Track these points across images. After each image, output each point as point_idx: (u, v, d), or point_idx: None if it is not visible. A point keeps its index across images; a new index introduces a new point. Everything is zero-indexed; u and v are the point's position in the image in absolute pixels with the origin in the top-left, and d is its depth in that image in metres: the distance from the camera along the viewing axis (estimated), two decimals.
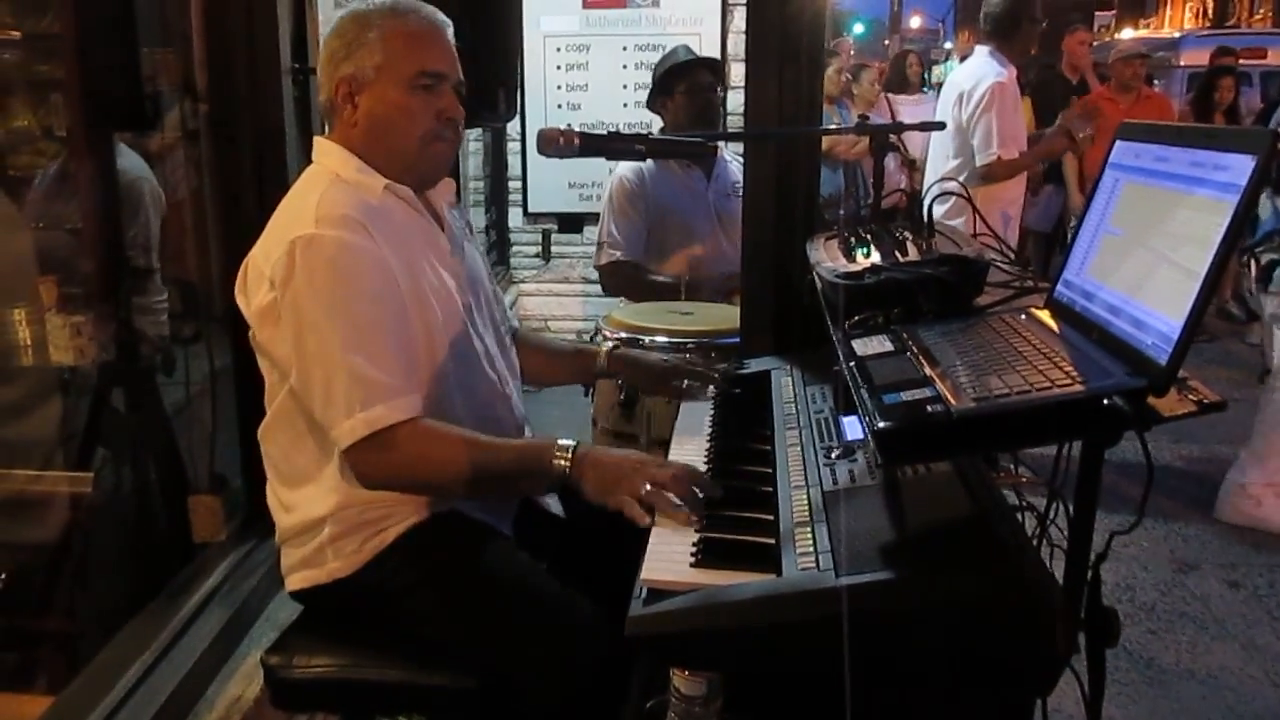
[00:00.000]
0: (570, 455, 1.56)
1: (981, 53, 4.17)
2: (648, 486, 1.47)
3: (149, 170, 2.82)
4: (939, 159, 4.17)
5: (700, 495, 1.47)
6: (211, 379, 2.84)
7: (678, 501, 1.44)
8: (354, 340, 1.54)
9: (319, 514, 1.66)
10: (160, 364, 2.94)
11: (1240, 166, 1.04)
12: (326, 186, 1.64)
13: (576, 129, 1.87)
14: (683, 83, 3.24)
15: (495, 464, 1.60)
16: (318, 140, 1.76)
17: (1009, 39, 4.08)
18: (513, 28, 2.85)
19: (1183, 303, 1.06)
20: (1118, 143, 1.38)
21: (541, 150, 1.86)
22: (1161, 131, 1.28)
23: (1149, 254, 1.18)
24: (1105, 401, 1.06)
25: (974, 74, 4.10)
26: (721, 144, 3.52)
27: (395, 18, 1.68)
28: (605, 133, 1.90)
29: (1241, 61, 7.76)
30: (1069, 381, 1.10)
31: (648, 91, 3.42)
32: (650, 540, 1.38)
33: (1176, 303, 1.07)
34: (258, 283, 1.60)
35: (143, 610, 2.28)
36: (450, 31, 1.74)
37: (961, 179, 3.92)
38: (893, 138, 3.91)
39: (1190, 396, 1.09)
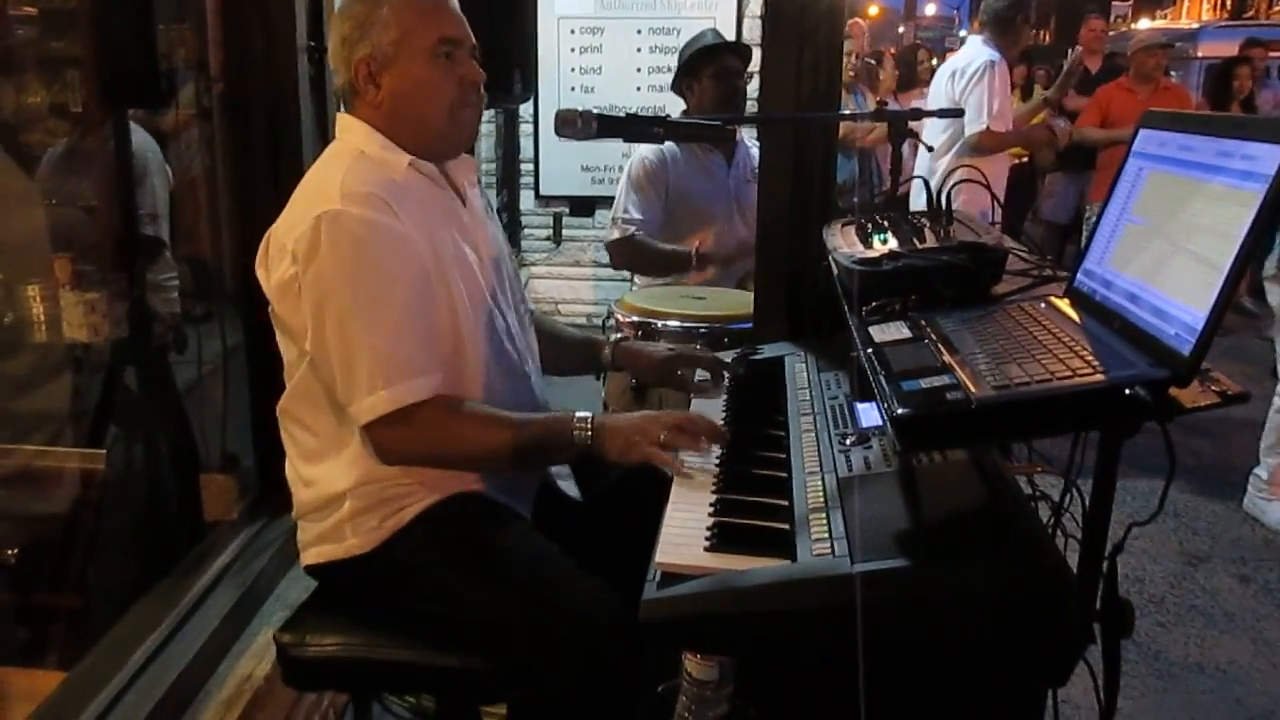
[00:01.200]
0: (590, 424, 1.60)
1: (975, 41, 4.47)
2: (664, 435, 1.58)
3: (154, 143, 2.82)
4: (933, 137, 4.32)
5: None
6: (224, 357, 2.83)
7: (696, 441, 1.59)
8: (376, 318, 1.54)
9: (339, 489, 1.66)
10: (173, 342, 2.94)
11: (1269, 156, 1.03)
12: (351, 163, 1.64)
13: (592, 111, 1.86)
14: (711, 66, 3.21)
15: (516, 439, 1.61)
16: (341, 116, 1.75)
17: (1005, 33, 4.38)
18: (528, 9, 2.84)
19: (1207, 293, 1.05)
20: (1141, 131, 1.37)
21: (559, 131, 1.86)
22: (1187, 120, 1.27)
23: (1172, 244, 1.17)
24: (1127, 392, 1.06)
25: (968, 55, 4.40)
26: (742, 129, 3.51)
27: None
28: (624, 115, 1.89)
29: (1256, 53, 7.66)
30: (1090, 371, 1.09)
31: (672, 74, 3.38)
32: (664, 523, 1.38)
33: (1200, 293, 1.06)
34: (279, 256, 1.60)
35: (154, 588, 2.28)
36: None
37: (952, 152, 4.18)
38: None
39: (1213, 388, 1.08)
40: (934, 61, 7.23)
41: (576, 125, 1.83)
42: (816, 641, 1.23)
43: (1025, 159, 6.57)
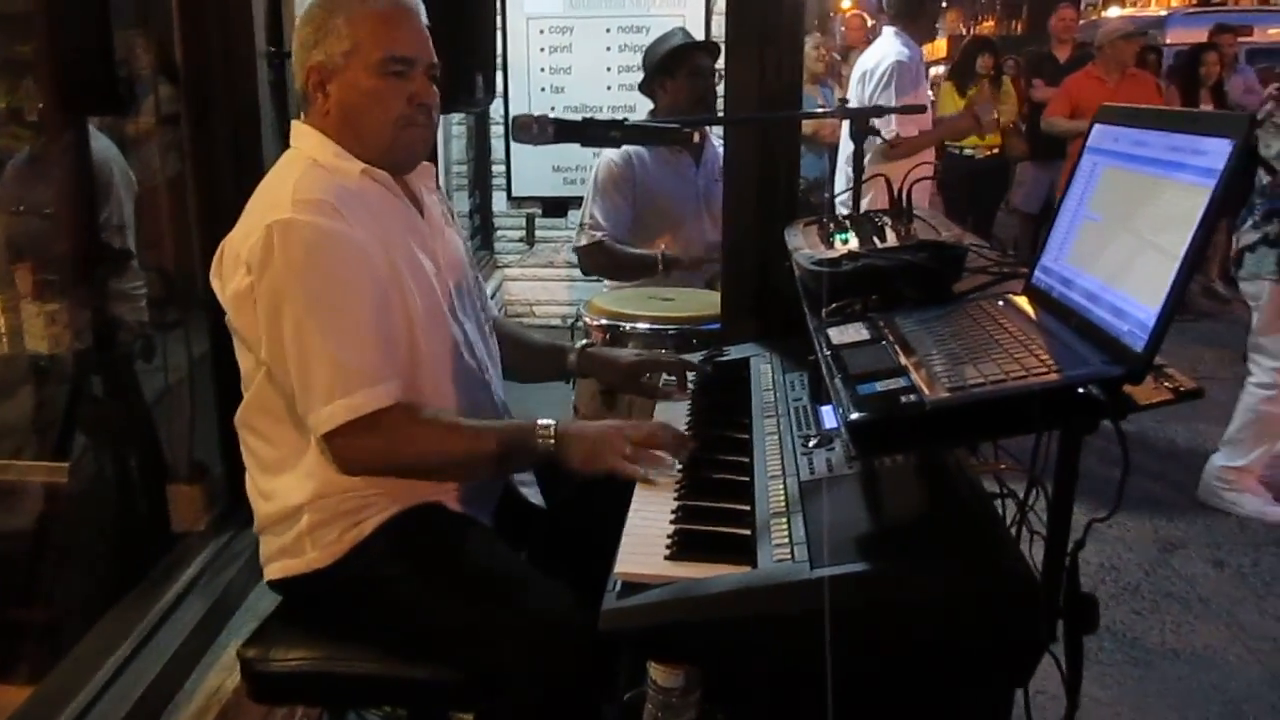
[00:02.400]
0: (553, 432, 1.59)
1: (888, 33, 4.29)
2: (629, 449, 1.56)
3: (118, 152, 2.78)
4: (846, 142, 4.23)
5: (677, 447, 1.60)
6: (190, 366, 2.80)
7: (661, 455, 1.58)
8: (332, 326, 1.53)
9: (297, 501, 1.64)
10: (139, 351, 2.91)
11: (1218, 150, 1.03)
12: (303, 171, 1.62)
13: (560, 112, 1.85)
14: (684, 66, 3.19)
15: (478, 446, 1.60)
16: (295, 125, 1.74)
17: (914, 19, 4.24)
18: (489, 10, 2.81)
19: (1159, 289, 1.05)
20: (1096, 126, 1.37)
21: (516, 137, 1.84)
22: (1140, 115, 1.27)
23: (1127, 239, 1.17)
24: (1081, 390, 1.05)
25: (877, 54, 4.22)
26: (711, 129, 3.50)
27: (362, 2, 1.65)
28: (580, 119, 1.87)
29: (1225, 39, 7.71)
30: (1045, 370, 1.09)
31: (641, 74, 3.36)
32: (625, 533, 1.37)
33: (1153, 289, 1.06)
34: (234, 267, 1.58)
35: (122, 600, 2.25)
36: (421, 13, 1.71)
37: (866, 159, 4.01)
38: (875, 121, 3.93)
39: (1167, 384, 1.08)
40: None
41: (533, 130, 1.82)
42: (780, 648, 1.23)
43: (996, 150, 6.60)
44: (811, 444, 1.56)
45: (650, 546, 1.32)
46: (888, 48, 4.21)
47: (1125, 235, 1.17)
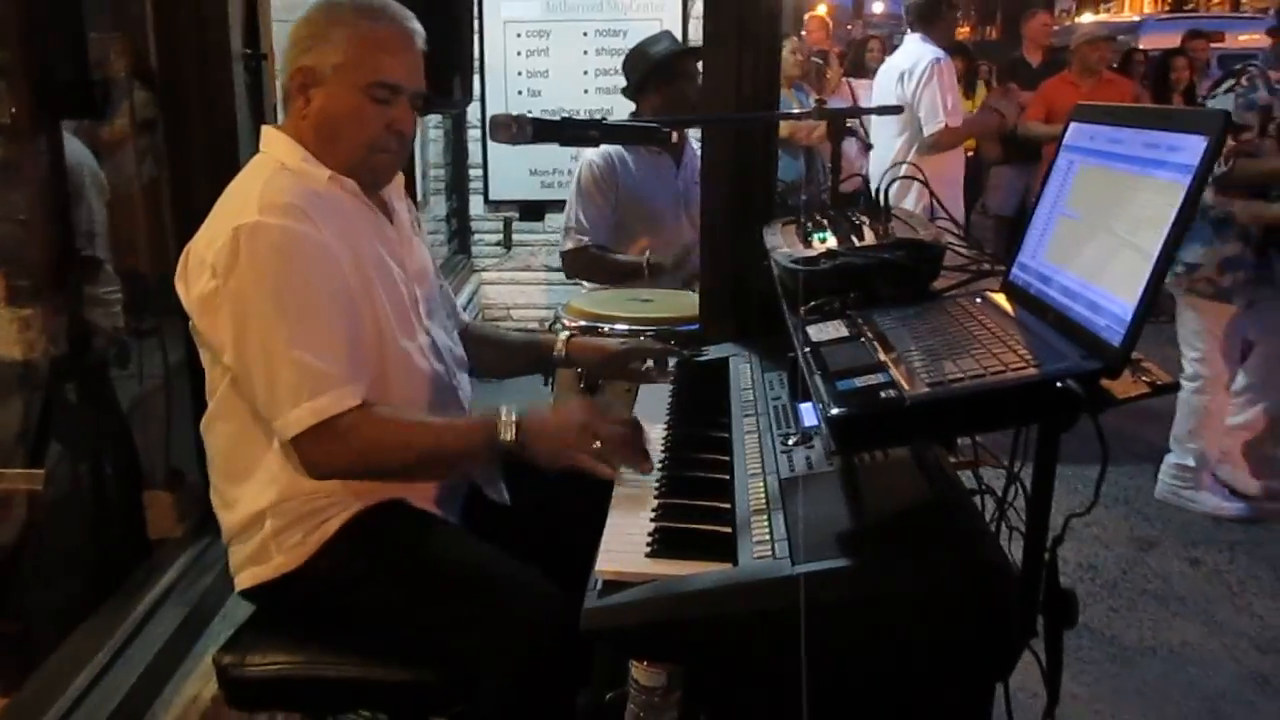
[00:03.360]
0: (515, 427, 1.56)
1: (914, 39, 4.52)
2: (597, 444, 1.54)
3: (90, 156, 2.76)
4: (886, 140, 4.41)
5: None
6: (166, 372, 2.78)
7: (634, 459, 1.56)
8: (298, 330, 1.52)
9: (260, 507, 1.64)
10: (114, 357, 2.88)
11: (1193, 147, 1.04)
12: (271, 174, 1.62)
13: (537, 115, 1.84)
14: (681, 72, 3.17)
15: (443, 444, 1.60)
16: (265, 129, 1.73)
17: (933, 25, 4.47)
18: (466, 13, 2.81)
19: (1136, 284, 1.05)
20: (1072, 125, 1.38)
21: (494, 136, 1.84)
22: (1115, 113, 1.28)
23: (1103, 236, 1.18)
24: (1059, 385, 1.06)
25: (911, 55, 4.43)
26: (690, 130, 3.50)
27: (365, 19, 1.63)
28: (559, 119, 1.87)
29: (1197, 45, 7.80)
30: (1023, 365, 1.10)
31: (623, 77, 3.33)
32: (605, 531, 1.37)
33: (1130, 284, 1.06)
34: (199, 270, 1.57)
35: (97, 609, 2.23)
36: (421, 39, 1.70)
37: (912, 154, 4.27)
38: (851, 122, 3.96)
39: (1144, 378, 1.09)
40: (884, 55, 7.27)
41: (511, 130, 1.81)
42: (762, 645, 1.23)
43: (971, 153, 6.64)
44: (791, 442, 1.56)
45: (631, 545, 1.31)
46: (920, 49, 4.40)
47: (1102, 232, 1.18)
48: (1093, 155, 1.29)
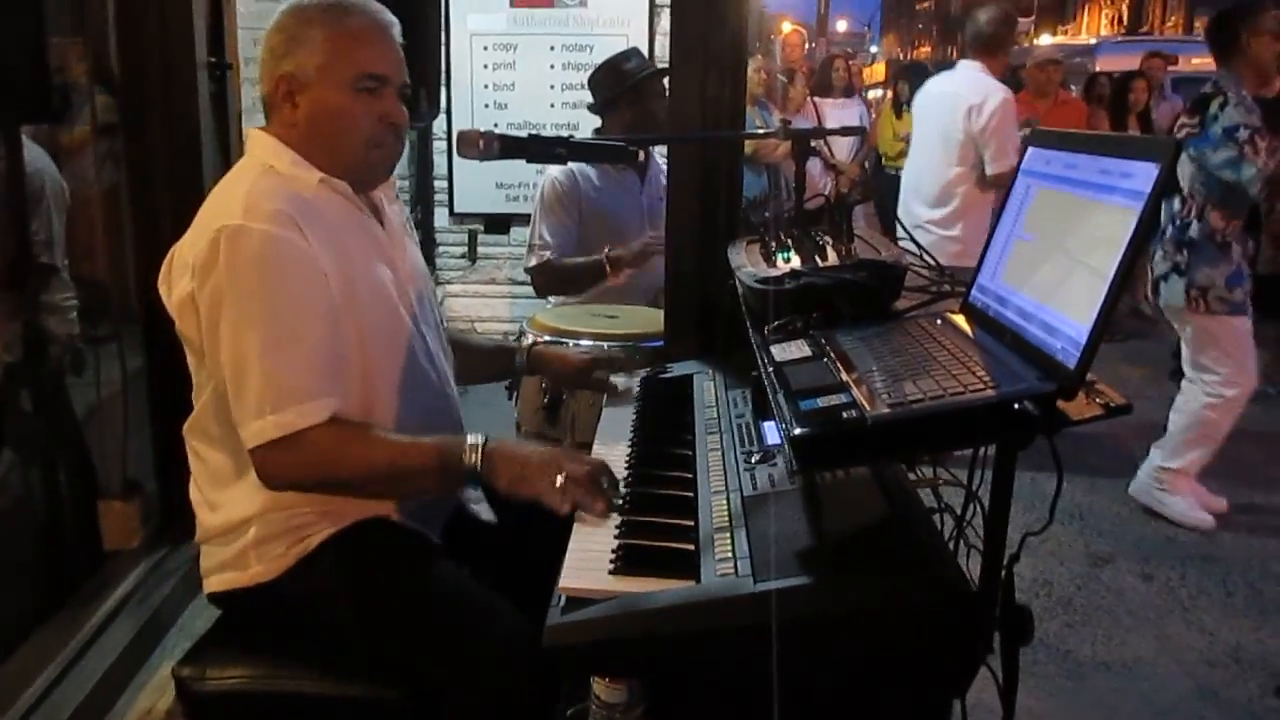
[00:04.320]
0: (480, 451, 1.55)
1: (973, 67, 4.36)
2: (560, 479, 1.50)
3: (50, 162, 2.73)
4: (935, 165, 4.33)
5: (607, 488, 1.52)
6: (124, 380, 2.75)
7: (590, 497, 1.49)
8: (271, 340, 1.50)
9: (245, 513, 1.62)
10: (70, 364, 2.85)
11: (1145, 174, 1.07)
12: (258, 178, 1.60)
13: (504, 128, 1.85)
14: (654, 92, 3.17)
15: (405, 462, 1.58)
16: (251, 132, 1.71)
17: (994, 57, 4.35)
18: (432, 27, 2.81)
19: (1091, 307, 1.08)
20: (1030, 149, 1.41)
21: (461, 153, 1.84)
22: (1071, 139, 1.31)
23: (1059, 259, 1.20)
24: (1016, 406, 1.08)
25: (978, 89, 4.28)
26: (655, 147, 3.51)
27: (339, 15, 1.63)
28: (525, 135, 1.88)
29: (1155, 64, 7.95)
30: (981, 386, 1.12)
31: (589, 92, 3.33)
32: (569, 548, 1.37)
33: (1085, 307, 1.09)
34: (181, 273, 1.56)
35: (49, 620, 2.20)
36: (396, 30, 1.69)
37: (966, 185, 4.28)
38: (815, 142, 3.97)
39: (1098, 400, 1.11)
40: (849, 75, 7.33)
41: (479, 146, 1.82)
42: (723, 661, 1.24)
43: None
44: (754, 460, 1.57)
45: (594, 561, 1.32)
46: (987, 84, 4.28)
47: (1058, 255, 1.21)
48: (1049, 180, 1.32)
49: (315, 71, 1.62)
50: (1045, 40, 18.95)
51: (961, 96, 4.33)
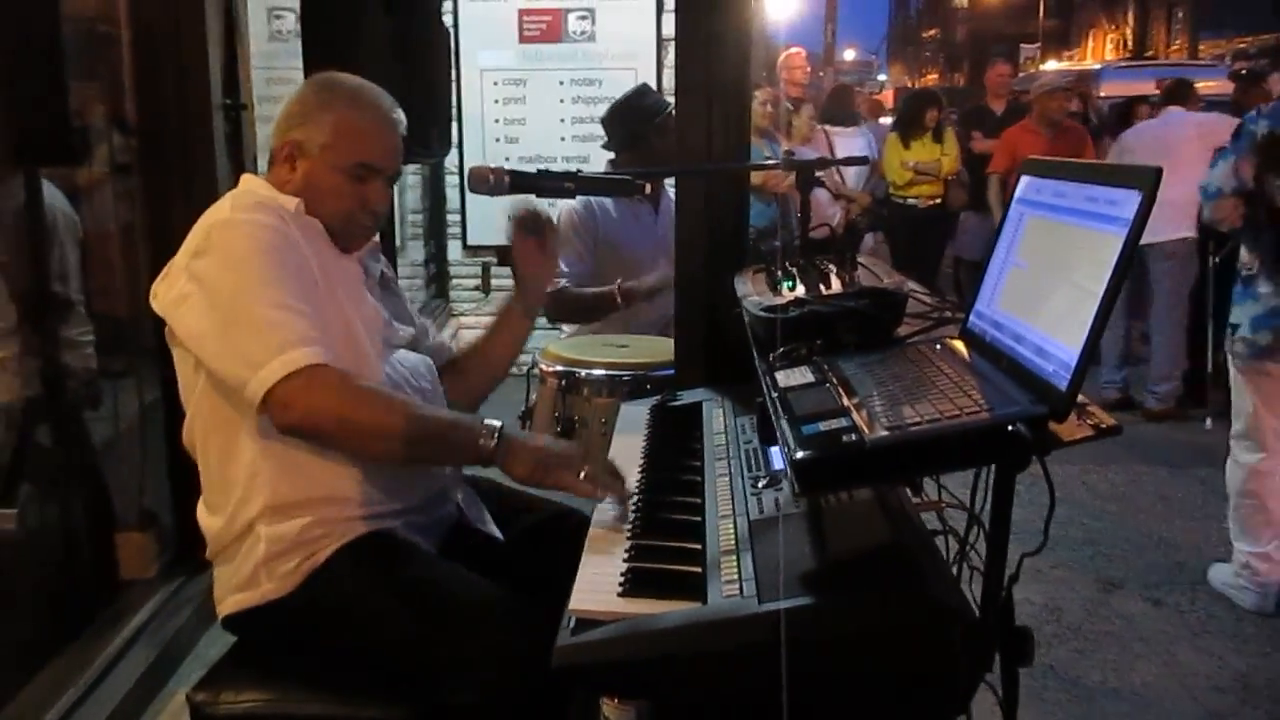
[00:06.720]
0: (498, 435, 1.59)
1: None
2: (585, 470, 1.58)
3: (64, 199, 2.80)
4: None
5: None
6: (141, 413, 2.80)
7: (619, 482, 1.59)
8: (266, 295, 1.57)
9: (247, 517, 1.66)
10: (87, 398, 2.90)
11: (1127, 200, 1.10)
12: (241, 190, 1.76)
13: (515, 162, 1.90)
14: (669, 130, 3.21)
15: (423, 425, 1.61)
16: (245, 177, 1.84)
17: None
18: (442, 66, 2.87)
19: (1080, 332, 1.11)
20: (1023, 178, 1.44)
21: (473, 188, 1.89)
22: (1060, 167, 1.34)
23: (1050, 285, 1.24)
24: (1009, 428, 1.11)
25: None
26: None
27: (354, 107, 1.76)
28: (535, 170, 1.93)
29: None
30: (976, 409, 1.15)
31: (595, 124, 3.36)
32: (580, 570, 1.41)
33: (1074, 332, 1.12)
34: (176, 276, 1.64)
35: (67, 648, 2.24)
36: (402, 126, 1.82)
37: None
38: (821, 172, 3.98)
39: (1089, 421, 1.14)
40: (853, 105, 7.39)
41: (489, 182, 1.87)
42: (728, 681, 1.26)
43: (938, 200, 6.77)
44: (761, 484, 1.60)
45: (604, 584, 1.35)
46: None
47: (1048, 281, 1.24)
48: (1040, 208, 1.36)
49: (318, 149, 1.74)
50: (1051, 66, 19.04)
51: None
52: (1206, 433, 5.07)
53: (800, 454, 1.17)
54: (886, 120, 10.41)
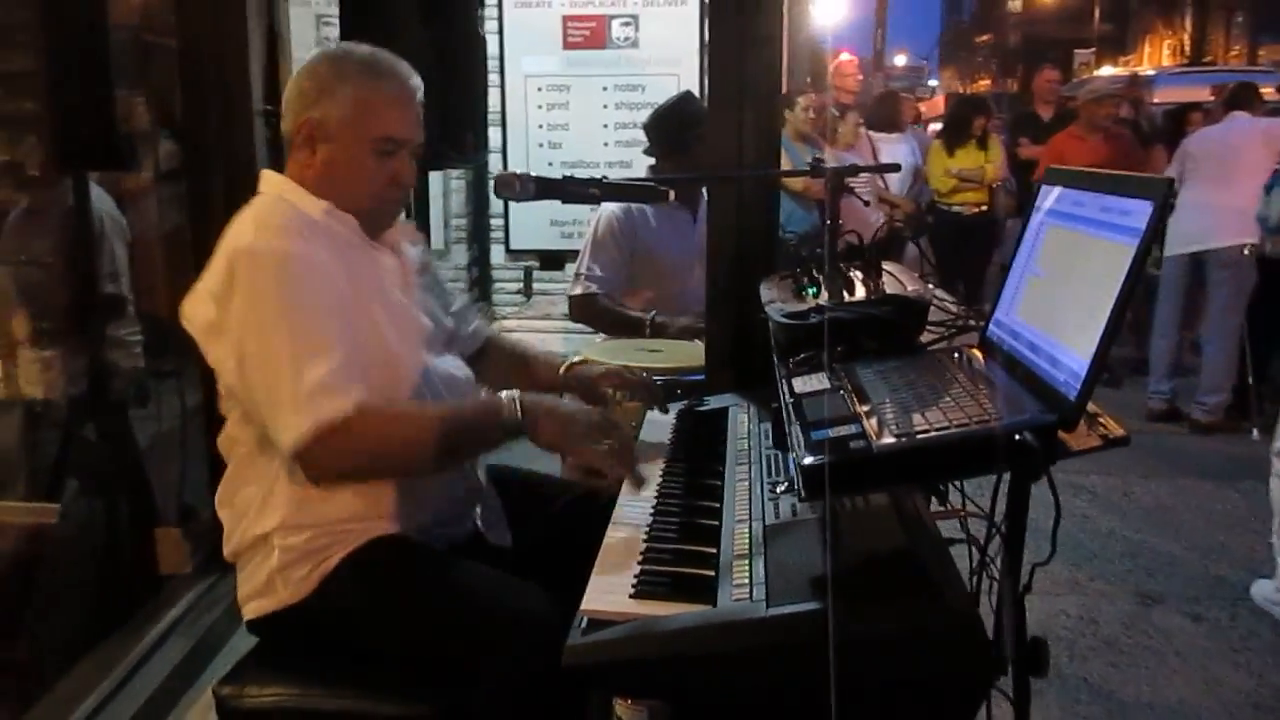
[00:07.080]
0: (519, 404, 1.63)
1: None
2: (606, 445, 1.62)
3: (111, 201, 2.87)
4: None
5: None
6: (183, 413, 2.86)
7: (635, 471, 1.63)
8: (297, 342, 1.56)
9: (263, 529, 1.69)
10: (133, 396, 2.97)
11: (1140, 211, 1.10)
12: (266, 204, 1.70)
13: (558, 168, 1.92)
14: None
15: (445, 427, 1.63)
16: (264, 173, 1.80)
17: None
18: (478, 71, 2.91)
19: (1090, 341, 1.11)
20: (1043, 187, 1.44)
21: (498, 193, 1.91)
22: (1077, 177, 1.34)
23: (1064, 294, 1.24)
24: (1017, 437, 1.11)
25: None
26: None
27: (371, 76, 1.72)
28: (560, 177, 1.94)
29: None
30: (985, 417, 1.15)
31: (638, 129, 3.36)
32: (593, 572, 1.42)
33: (1085, 341, 1.12)
34: (204, 300, 1.63)
35: (104, 641, 2.29)
36: (420, 94, 1.78)
37: None
38: (857, 181, 3.96)
39: (1099, 431, 1.14)
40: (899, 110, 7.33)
41: (515, 188, 1.88)
42: (737, 683, 1.27)
43: (985, 207, 6.70)
44: (779, 489, 1.60)
45: (617, 585, 1.36)
46: None
47: (1063, 290, 1.24)
48: (1059, 217, 1.35)
49: (339, 125, 1.70)
50: (1106, 71, 18.72)
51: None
52: (1253, 445, 4.97)
53: (808, 459, 1.18)
54: (935, 126, 10.31)
